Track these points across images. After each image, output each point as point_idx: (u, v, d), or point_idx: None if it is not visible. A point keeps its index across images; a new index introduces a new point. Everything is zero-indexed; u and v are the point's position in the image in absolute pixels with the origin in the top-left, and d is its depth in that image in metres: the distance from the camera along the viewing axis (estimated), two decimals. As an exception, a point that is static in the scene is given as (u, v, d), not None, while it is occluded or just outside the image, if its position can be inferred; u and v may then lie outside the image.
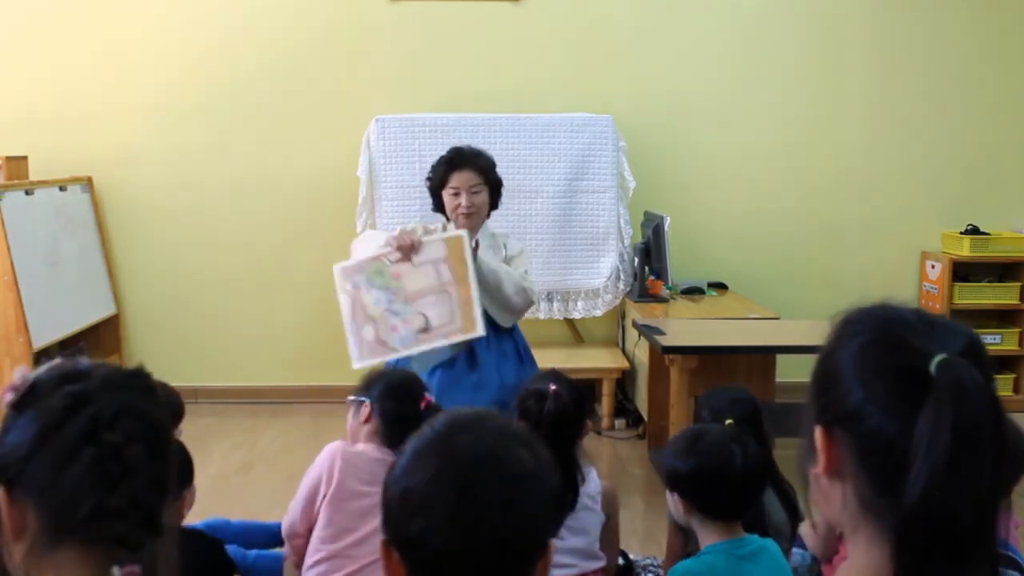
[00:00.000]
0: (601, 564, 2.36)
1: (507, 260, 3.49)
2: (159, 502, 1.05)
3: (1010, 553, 1.82)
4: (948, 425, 0.86)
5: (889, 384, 0.92)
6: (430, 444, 1.04)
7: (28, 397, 1.03)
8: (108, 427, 1.02)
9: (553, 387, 2.35)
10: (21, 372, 1.05)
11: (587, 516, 2.34)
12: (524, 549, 1.02)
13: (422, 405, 2.35)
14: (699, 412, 2.60)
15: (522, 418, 2.35)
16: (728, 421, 2.46)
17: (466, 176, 3.35)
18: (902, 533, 0.89)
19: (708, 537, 2.00)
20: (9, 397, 1.03)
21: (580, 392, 2.42)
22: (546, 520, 1.05)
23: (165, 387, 2.47)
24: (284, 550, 2.44)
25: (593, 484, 2.38)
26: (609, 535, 2.42)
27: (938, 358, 0.90)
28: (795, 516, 2.39)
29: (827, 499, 0.98)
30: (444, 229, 3.46)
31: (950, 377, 0.88)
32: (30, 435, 1.01)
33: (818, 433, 0.97)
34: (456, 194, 3.34)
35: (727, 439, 2.02)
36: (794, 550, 2.21)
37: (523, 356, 3.47)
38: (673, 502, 2.04)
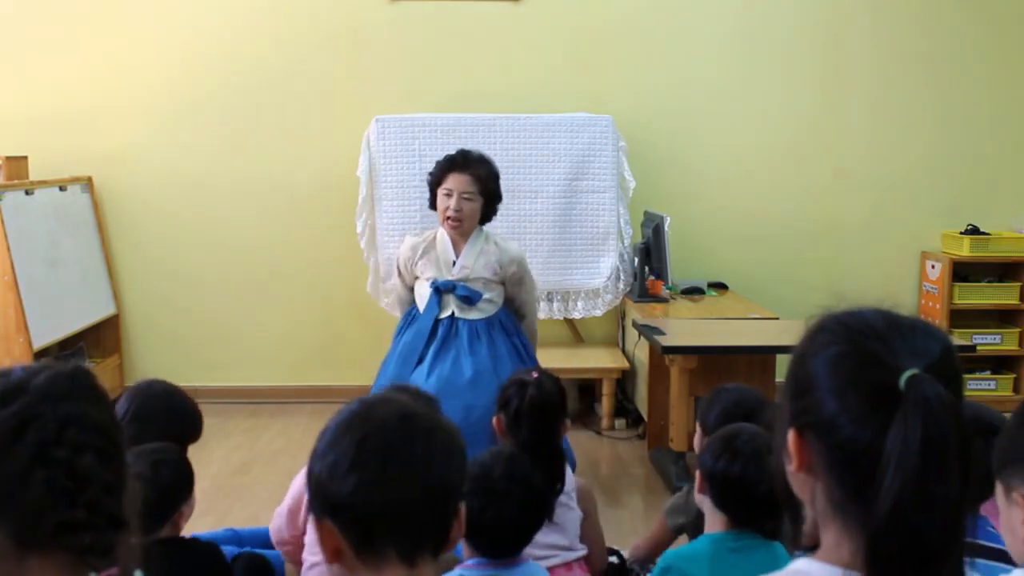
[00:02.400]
0: (582, 553, 2.37)
1: (507, 278, 3.46)
2: (118, 501, 1.05)
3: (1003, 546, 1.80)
4: (917, 441, 0.91)
5: (861, 398, 0.97)
6: (350, 418, 1.15)
7: None
8: (55, 445, 1.00)
9: (535, 375, 2.38)
10: None
11: (562, 513, 2.33)
12: (445, 501, 1.13)
13: None
14: (707, 414, 2.54)
15: (502, 409, 2.37)
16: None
17: (462, 180, 3.34)
18: (873, 544, 0.93)
19: (712, 524, 2.01)
20: None
21: (562, 385, 2.45)
22: (460, 475, 1.16)
23: (178, 393, 2.44)
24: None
25: (568, 481, 2.38)
26: (590, 531, 2.43)
27: (907, 375, 0.94)
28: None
29: (801, 492, 1.04)
30: (435, 238, 3.48)
31: (918, 394, 0.92)
32: None
33: (791, 435, 1.02)
34: (448, 195, 3.35)
35: (765, 449, 1.94)
36: None
37: (523, 356, 3.46)
38: (698, 478, 2.04)
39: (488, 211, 3.45)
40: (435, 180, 3.42)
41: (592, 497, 2.51)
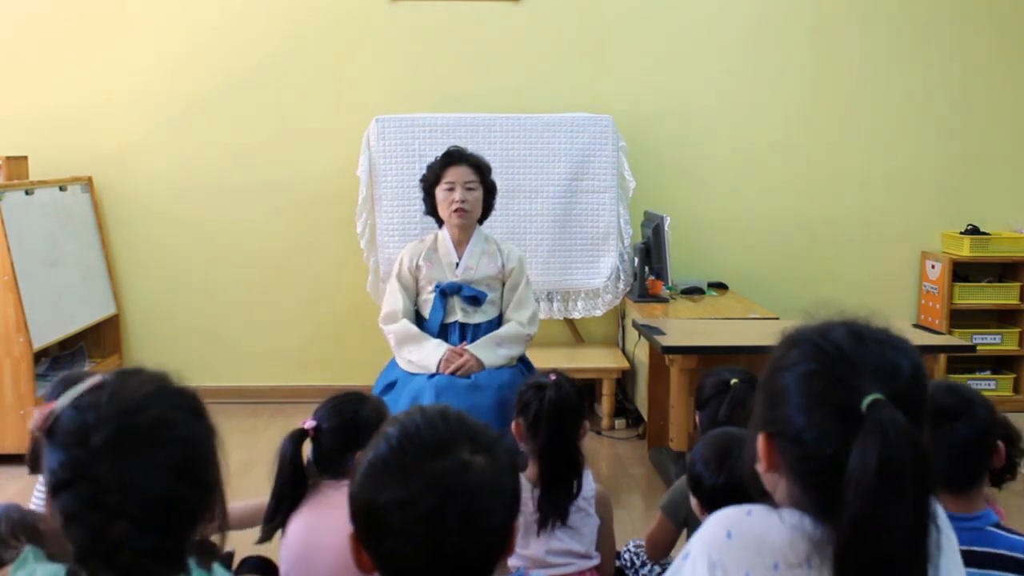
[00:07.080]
0: (595, 563, 2.36)
1: (509, 277, 3.45)
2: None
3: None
4: (872, 465, 0.97)
5: (826, 416, 1.05)
6: (395, 460, 1.10)
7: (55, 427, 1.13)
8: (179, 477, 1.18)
9: (553, 377, 2.37)
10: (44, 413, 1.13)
11: (581, 519, 2.33)
12: (488, 552, 1.10)
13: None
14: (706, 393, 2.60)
15: (521, 413, 2.35)
16: (734, 380, 2.51)
17: (462, 171, 3.36)
18: (838, 561, 1.00)
19: None
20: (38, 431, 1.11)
21: (579, 387, 2.43)
22: (507, 522, 1.11)
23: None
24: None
25: (588, 487, 2.37)
26: (603, 538, 2.42)
27: (868, 400, 1.00)
28: None
29: (768, 485, 1.14)
30: (435, 240, 3.47)
31: (875, 421, 0.99)
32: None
33: (761, 439, 1.11)
34: (451, 189, 3.34)
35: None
36: None
37: (523, 363, 3.46)
38: (693, 501, 2.04)
39: (487, 203, 3.45)
40: (433, 179, 3.41)
41: (610, 504, 2.49)
